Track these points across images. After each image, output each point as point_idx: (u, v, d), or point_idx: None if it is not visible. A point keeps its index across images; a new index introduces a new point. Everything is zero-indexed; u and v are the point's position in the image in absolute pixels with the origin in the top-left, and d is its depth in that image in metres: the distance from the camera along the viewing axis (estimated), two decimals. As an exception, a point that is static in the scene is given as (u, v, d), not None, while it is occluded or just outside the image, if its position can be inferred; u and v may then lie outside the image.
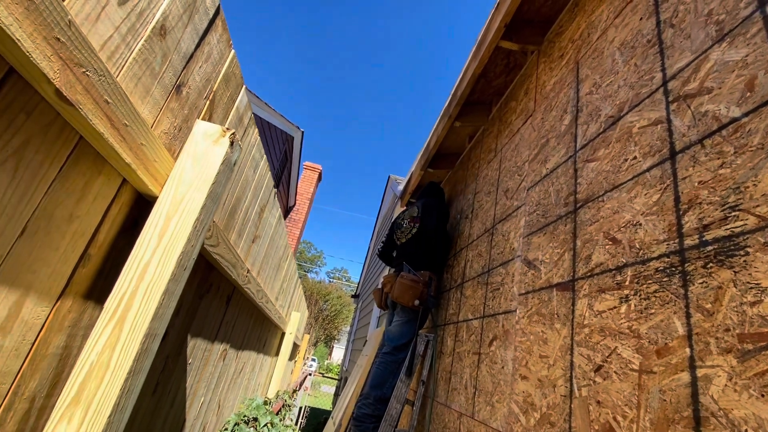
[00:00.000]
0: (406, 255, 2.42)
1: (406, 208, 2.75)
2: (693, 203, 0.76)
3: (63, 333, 0.75)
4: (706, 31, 0.83)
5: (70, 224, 0.71)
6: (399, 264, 2.47)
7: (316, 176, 11.57)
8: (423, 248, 2.40)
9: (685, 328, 0.72)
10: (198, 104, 1.04)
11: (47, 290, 0.69)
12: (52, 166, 0.64)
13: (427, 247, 2.40)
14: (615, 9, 1.24)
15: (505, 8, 1.64)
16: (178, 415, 1.50)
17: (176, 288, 0.88)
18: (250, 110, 1.44)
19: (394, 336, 2.27)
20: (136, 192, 0.89)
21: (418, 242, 2.42)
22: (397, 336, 2.26)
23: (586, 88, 1.30)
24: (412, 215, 2.55)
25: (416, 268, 2.33)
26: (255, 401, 2.10)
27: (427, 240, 2.41)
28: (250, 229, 1.80)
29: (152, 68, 0.82)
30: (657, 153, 0.89)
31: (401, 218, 2.66)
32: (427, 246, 2.40)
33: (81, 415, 0.72)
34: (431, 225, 2.44)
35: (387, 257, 2.76)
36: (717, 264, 0.68)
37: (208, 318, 1.60)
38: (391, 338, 2.28)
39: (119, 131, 0.71)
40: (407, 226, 2.53)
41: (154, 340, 0.84)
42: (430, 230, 2.42)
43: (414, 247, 2.42)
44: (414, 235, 2.44)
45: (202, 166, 0.93)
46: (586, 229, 1.09)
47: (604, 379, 0.88)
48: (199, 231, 0.93)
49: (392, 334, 2.29)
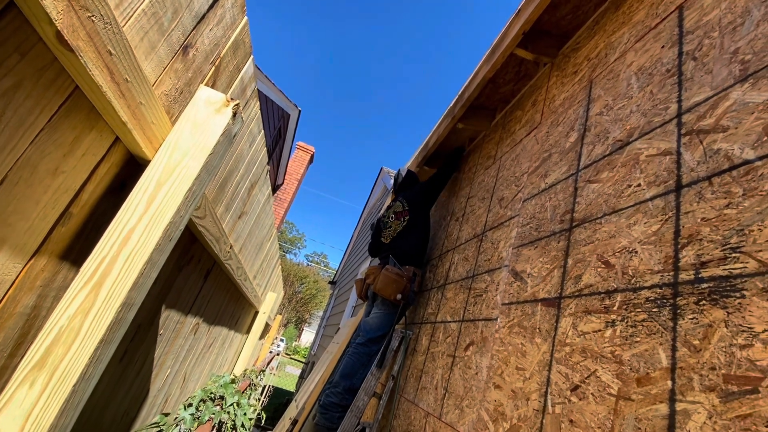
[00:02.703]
0: (394, 249, 2.42)
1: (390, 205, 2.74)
2: (693, 239, 0.77)
3: (33, 293, 0.71)
4: (729, 68, 0.83)
5: (54, 179, 0.66)
6: (385, 257, 2.46)
7: (308, 158, 11.42)
8: (412, 242, 2.40)
9: (669, 360, 0.72)
10: (203, 69, 0.99)
11: (22, 246, 0.64)
12: (42, 114, 0.59)
13: (416, 241, 2.41)
14: (637, 33, 1.24)
15: (525, 16, 1.62)
16: (142, 385, 1.46)
17: (160, 258, 0.84)
18: (254, 82, 1.38)
19: (371, 328, 2.26)
20: (128, 153, 0.84)
21: (406, 236, 2.42)
22: (374, 328, 2.25)
23: (597, 108, 1.29)
24: (397, 210, 2.55)
25: (402, 262, 2.33)
26: (223, 378, 2.07)
27: (416, 234, 2.42)
28: (238, 205, 1.76)
29: (161, 23, 0.77)
30: (662, 183, 0.89)
31: (385, 216, 2.66)
32: (416, 240, 2.41)
33: (44, 380, 0.68)
34: (420, 219, 2.45)
35: (375, 252, 2.77)
36: (710, 302, 0.69)
37: (185, 290, 1.56)
38: (368, 330, 2.27)
39: (119, 86, 0.66)
40: (394, 222, 2.52)
41: (130, 310, 0.80)
42: (419, 224, 2.43)
43: (402, 242, 2.42)
44: (404, 228, 2.44)
45: (201, 134, 0.88)
46: (580, 248, 1.09)
47: (580, 399, 0.89)
48: (190, 202, 0.89)
49: (369, 325, 2.28)
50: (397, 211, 2.55)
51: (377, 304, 2.33)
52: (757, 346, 0.59)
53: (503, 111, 2.33)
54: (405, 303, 2.24)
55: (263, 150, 1.80)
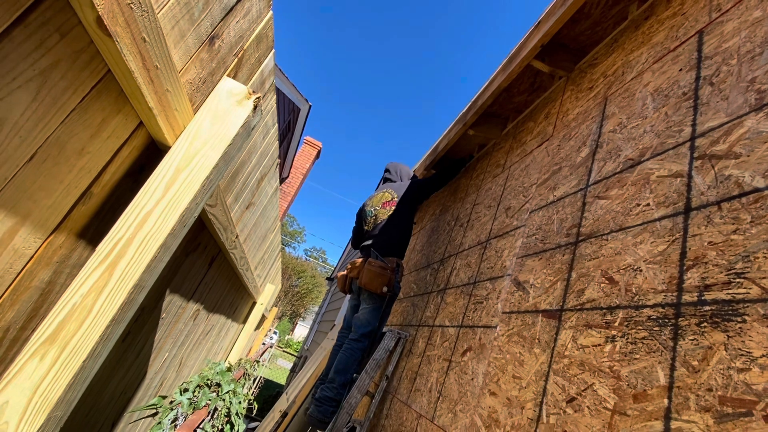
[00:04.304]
0: (377, 237, 2.44)
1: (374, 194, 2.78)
2: (699, 261, 0.78)
3: (50, 268, 0.73)
4: (745, 97, 0.84)
5: (80, 158, 0.68)
6: (367, 249, 2.48)
7: (315, 153, 11.44)
8: (396, 232, 2.43)
9: (667, 379, 0.73)
10: (227, 60, 1.01)
11: (43, 222, 0.66)
12: (74, 94, 0.61)
13: (400, 232, 2.44)
14: (655, 54, 1.25)
15: (546, 28, 1.63)
16: (141, 366, 1.47)
17: (173, 243, 0.85)
18: (273, 76, 1.40)
19: (362, 323, 2.28)
20: (149, 138, 0.86)
21: (391, 226, 2.44)
22: (365, 323, 2.27)
23: (611, 125, 1.31)
24: (385, 200, 2.57)
25: (385, 253, 2.35)
26: (219, 366, 2.09)
27: (401, 225, 2.45)
28: (247, 196, 1.77)
29: (192, 13, 0.78)
30: (672, 205, 0.90)
31: (369, 205, 2.68)
32: (400, 231, 2.44)
33: (55, 354, 0.69)
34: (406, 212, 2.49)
35: (357, 242, 2.79)
36: (711, 325, 0.70)
37: (189, 276, 1.58)
38: (359, 325, 2.29)
39: (149, 72, 0.67)
40: (380, 210, 2.55)
41: (141, 292, 0.82)
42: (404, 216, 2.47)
43: (386, 230, 2.44)
44: (389, 218, 2.47)
45: (221, 124, 0.90)
46: (584, 263, 1.10)
47: (576, 411, 0.90)
48: (206, 190, 0.90)
49: (360, 321, 2.30)
50: (386, 200, 2.58)
51: (364, 299, 2.36)
52: (754, 370, 0.60)
53: (515, 121, 2.34)
54: (392, 294, 2.26)
55: (275, 143, 1.82)
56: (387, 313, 2.33)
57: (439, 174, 2.76)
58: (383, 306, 2.28)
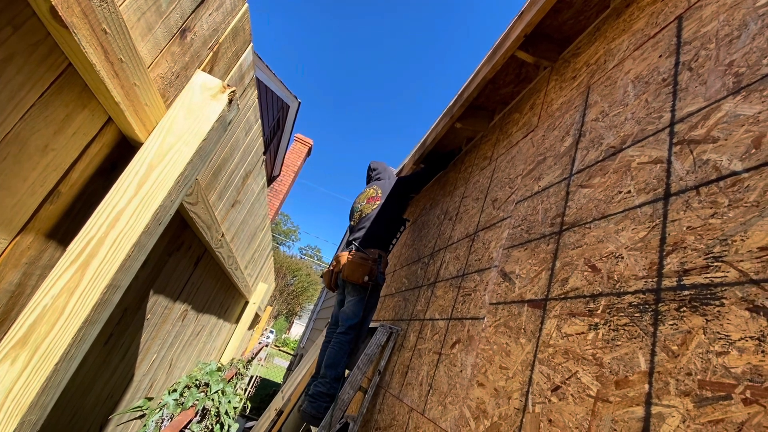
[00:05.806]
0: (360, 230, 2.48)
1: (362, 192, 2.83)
2: (678, 246, 0.78)
3: (18, 270, 0.71)
4: (723, 80, 0.84)
5: (44, 156, 0.66)
6: (349, 244, 2.51)
7: (305, 150, 11.37)
8: (379, 225, 2.46)
9: (647, 364, 0.73)
10: (201, 54, 0.98)
11: (8, 222, 0.64)
12: (33, 90, 0.59)
13: (384, 225, 2.47)
14: (636, 41, 1.24)
15: (528, 18, 1.62)
16: (127, 369, 1.45)
17: (148, 242, 0.83)
18: (253, 70, 1.38)
19: (349, 316, 2.28)
20: (120, 134, 0.83)
21: (375, 220, 2.47)
22: (351, 315, 2.28)
23: (593, 114, 1.30)
24: (370, 195, 2.61)
25: (367, 245, 2.37)
26: (209, 366, 2.07)
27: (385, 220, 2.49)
28: (232, 193, 1.75)
29: (158, 5, 0.76)
30: (652, 191, 0.90)
31: (356, 202, 2.74)
32: (384, 224, 2.47)
33: (26, 358, 0.68)
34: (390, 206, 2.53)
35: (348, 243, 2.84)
36: (690, 309, 0.70)
37: (174, 276, 1.55)
38: (346, 318, 2.29)
39: (113, 66, 0.65)
40: (365, 205, 2.59)
41: (116, 292, 0.80)
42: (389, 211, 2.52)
43: (369, 224, 2.47)
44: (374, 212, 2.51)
45: (195, 119, 0.88)
46: (568, 252, 1.10)
47: (560, 399, 0.90)
48: (182, 186, 0.88)
49: (346, 314, 2.30)
50: (370, 196, 2.62)
51: (349, 292, 2.36)
52: (732, 353, 0.60)
53: (501, 113, 2.34)
54: (375, 284, 2.27)
55: (259, 139, 1.79)
56: (371, 303, 2.34)
57: (427, 167, 2.78)
58: (366, 297, 2.29)
